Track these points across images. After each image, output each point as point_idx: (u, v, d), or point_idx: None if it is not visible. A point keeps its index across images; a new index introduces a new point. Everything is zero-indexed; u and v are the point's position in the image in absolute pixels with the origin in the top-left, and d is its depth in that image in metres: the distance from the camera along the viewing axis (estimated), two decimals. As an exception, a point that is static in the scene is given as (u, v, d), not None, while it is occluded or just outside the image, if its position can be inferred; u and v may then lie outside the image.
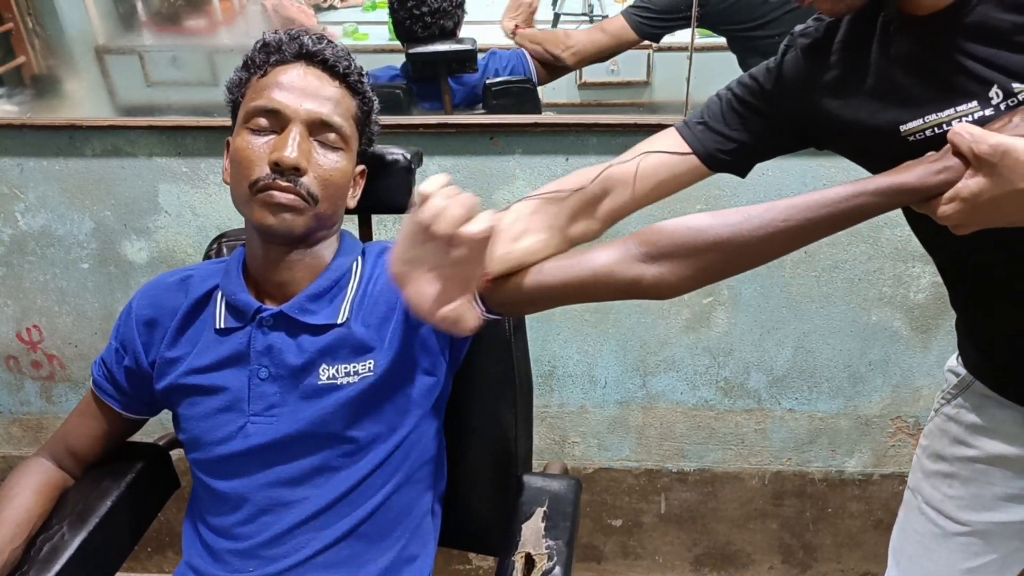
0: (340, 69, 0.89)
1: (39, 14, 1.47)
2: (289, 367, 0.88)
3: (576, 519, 0.97)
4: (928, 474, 1.00)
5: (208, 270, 0.96)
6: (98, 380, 0.98)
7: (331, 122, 0.86)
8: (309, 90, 0.86)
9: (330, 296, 0.90)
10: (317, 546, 0.88)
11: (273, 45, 0.88)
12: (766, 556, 1.77)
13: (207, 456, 0.91)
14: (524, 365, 1.05)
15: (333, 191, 0.88)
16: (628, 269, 0.79)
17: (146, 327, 0.94)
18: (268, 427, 0.88)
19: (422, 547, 0.96)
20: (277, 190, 0.83)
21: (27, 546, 0.91)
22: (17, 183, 1.49)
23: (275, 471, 0.89)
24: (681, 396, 1.60)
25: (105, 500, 0.98)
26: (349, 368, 0.88)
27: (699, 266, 0.76)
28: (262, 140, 0.85)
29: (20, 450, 1.77)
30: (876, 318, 1.49)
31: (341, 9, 1.66)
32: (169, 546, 1.84)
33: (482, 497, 1.06)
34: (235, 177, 0.87)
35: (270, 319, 0.89)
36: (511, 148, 1.39)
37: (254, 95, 0.87)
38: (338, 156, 0.88)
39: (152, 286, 0.97)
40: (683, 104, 1.34)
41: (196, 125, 1.41)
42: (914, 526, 1.03)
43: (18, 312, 1.61)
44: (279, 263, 0.90)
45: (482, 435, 1.05)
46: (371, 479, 0.89)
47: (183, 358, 0.92)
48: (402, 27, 1.41)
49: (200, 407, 0.91)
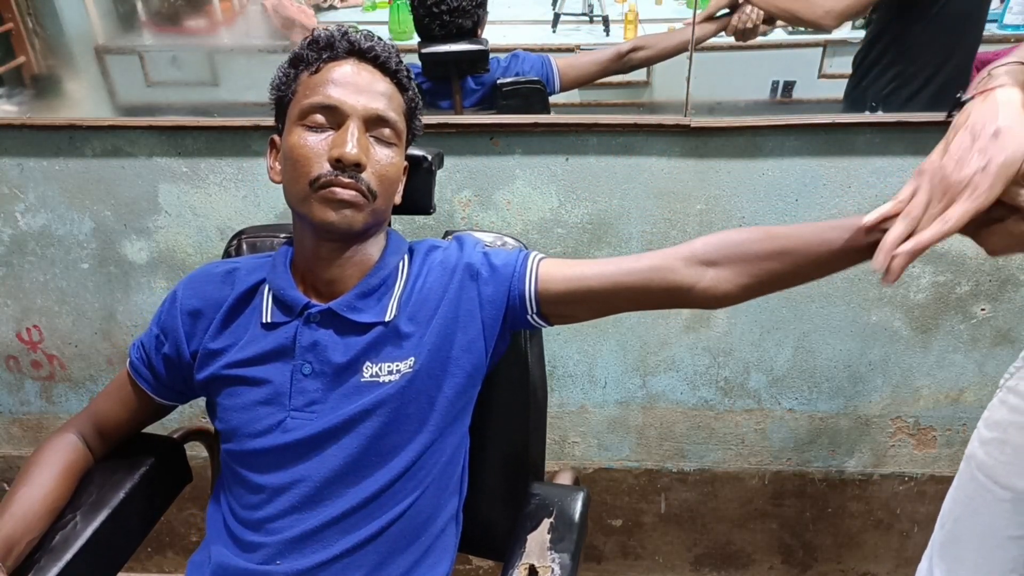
0: (392, 65, 0.89)
1: (39, 14, 1.48)
2: (333, 364, 0.89)
3: (583, 531, 0.97)
4: (984, 441, 1.02)
5: (254, 263, 0.97)
6: (135, 363, 0.99)
7: (386, 117, 0.87)
8: (363, 86, 0.86)
9: (378, 295, 0.91)
10: (345, 546, 0.88)
11: (324, 41, 0.88)
12: (766, 556, 1.77)
13: (243, 448, 0.91)
14: (539, 373, 1.05)
15: (388, 186, 0.88)
16: (687, 271, 0.82)
17: (191, 317, 0.95)
18: (307, 423, 0.89)
19: (443, 553, 0.96)
20: (339, 187, 0.84)
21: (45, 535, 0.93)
22: (17, 183, 1.49)
23: (311, 467, 0.89)
24: (681, 396, 1.60)
25: (118, 491, 0.99)
26: (392, 367, 0.88)
27: (753, 273, 0.81)
28: (319, 137, 0.85)
29: (20, 450, 1.77)
30: (876, 318, 1.49)
31: (341, 9, 1.67)
32: (169, 546, 1.84)
33: (491, 503, 1.06)
34: (291, 175, 0.87)
35: (317, 315, 0.89)
36: (511, 148, 1.39)
37: (308, 92, 0.86)
38: (392, 151, 0.88)
39: (198, 276, 0.97)
40: (683, 104, 1.34)
41: (196, 125, 1.41)
42: (965, 491, 1.05)
43: (18, 312, 1.61)
44: (332, 260, 0.90)
45: (494, 441, 1.04)
46: (402, 480, 0.89)
47: (227, 350, 0.92)
48: (421, 25, 1.41)
49: (241, 398, 0.91)
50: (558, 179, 1.41)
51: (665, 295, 0.84)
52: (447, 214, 1.44)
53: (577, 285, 0.88)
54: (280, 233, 1.09)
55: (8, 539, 0.88)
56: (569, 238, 1.45)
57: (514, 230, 1.45)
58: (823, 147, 1.34)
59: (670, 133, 1.36)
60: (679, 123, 1.34)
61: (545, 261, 0.91)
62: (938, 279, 1.44)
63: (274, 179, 0.92)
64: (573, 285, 0.88)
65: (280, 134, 0.92)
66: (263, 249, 1.08)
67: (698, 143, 1.36)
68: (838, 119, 1.32)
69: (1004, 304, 1.45)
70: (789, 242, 0.79)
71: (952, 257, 1.41)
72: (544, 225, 1.45)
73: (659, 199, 1.41)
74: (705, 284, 0.82)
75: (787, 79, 1.49)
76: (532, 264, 0.90)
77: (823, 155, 1.35)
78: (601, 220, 1.44)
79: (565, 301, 0.89)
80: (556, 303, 0.89)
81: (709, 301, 0.83)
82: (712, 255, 0.82)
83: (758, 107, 1.52)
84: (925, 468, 1.64)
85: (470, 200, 1.43)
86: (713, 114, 1.36)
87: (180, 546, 1.84)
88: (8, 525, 0.89)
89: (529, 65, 1.48)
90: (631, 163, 1.39)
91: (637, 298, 0.87)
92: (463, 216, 1.45)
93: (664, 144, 1.37)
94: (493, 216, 1.45)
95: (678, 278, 0.83)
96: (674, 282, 0.83)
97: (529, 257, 0.91)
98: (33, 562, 0.90)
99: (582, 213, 1.43)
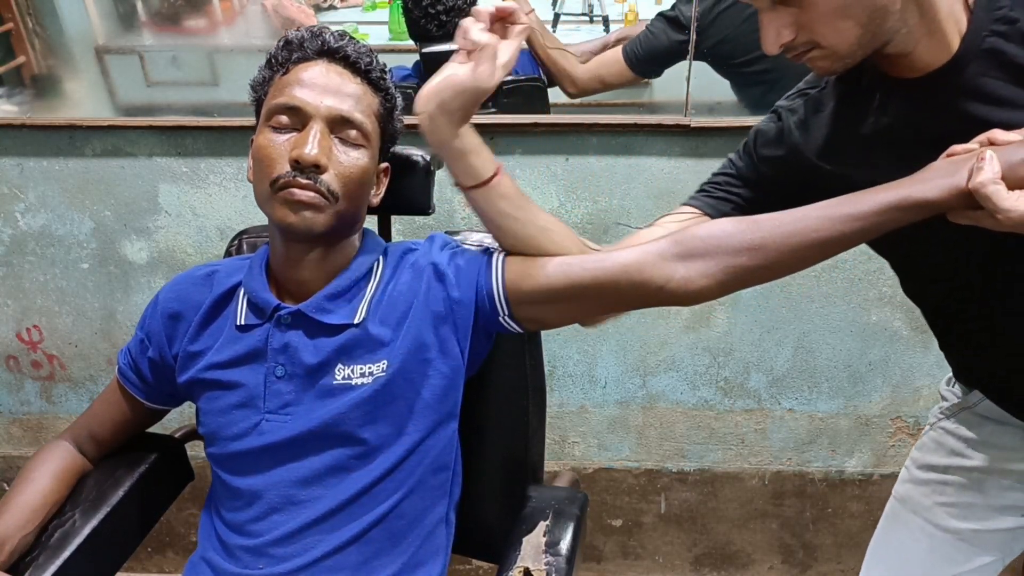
0: (362, 65, 0.88)
1: (39, 14, 1.47)
2: (305, 366, 0.88)
3: (579, 535, 0.96)
4: (918, 483, 1.02)
5: (233, 266, 0.97)
6: (123, 369, 0.99)
7: (352, 118, 0.86)
8: (330, 87, 0.86)
9: (349, 296, 0.90)
10: (326, 548, 0.88)
11: (295, 42, 0.88)
12: (766, 556, 1.77)
13: (223, 451, 0.92)
14: (538, 375, 1.04)
15: (354, 188, 0.87)
16: (658, 267, 0.79)
17: (171, 320, 0.95)
18: (282, 425, 0.88)
19: (432, 555, 0.95)
20: (297, 187, 0.83)
21: (39, 531, 0.93)
22: (17, 183, 1.49)
23: (288, 469, 0.89)
24: (681, 396, 1.60)
25: (118, 489, 0.99)
26: (364, 369, 0.88)
27: (728, 268, 0.77)
28: (283, 138, 0.85)
29: (20, 450, 1.77)
30: (876, 318, 1.49)
31: (341, 9, 1.66)
32: (169, 546, 1.84)
33: (488, 505, 1.05)
34: (257, 175, 0.87)
35: (288, 317, 0.89)
36: (511, 148, 1.39)
37: (276, 93, 0.87)
38: (359, 153, 0.87)
39: (179, 280, 0.97)
40: (683, 104, 1.34)
41: (196, 125, 1.41)
42: (898, 535, 1.05)
43: (18, 312, 1.61)
44: (299, 261, 0.90)
45: (493, 444, 1.04)
46: (383, 483, 0.89)
47: (204, 352, 0.93)
48: (417, 26, 1.40)
49: (218, 402, 0.91)
50: (558, 179, 1.41)
51: (635, 293, 0.81)
52: (447, 214, 1.44)
53: (545, 283, 0.84)
54: None
55: (0, 536, 0.89)
56: (569, 238, 1.45)
57: (514, 230, 1.45)
58: (823, 147, 1.34)
59: (670, 133, 1.36)
60: (679, 123, 1.34)
61: (509, 258, 0.88)
62: (938, 279, 1.44)
63: (249, 178, 0.91)
64: (541, 282, 0.85)
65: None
66: None
67: (698, 143, 1.36)
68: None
69: (1004, 304, 1.45)
70: (771, 234, 0.75)
71: (952, 257, 1.41)
72: (544, 225, 1.45)
73: (659, 199, 1.41)
74: (677, 282, 0.78)
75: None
76: (496, 261, 0.88)
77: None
78: (601, 220, 1.43)
79: (533, 301, 0.86)
80: (524, 303, 0.86)
81: (683, 298, 0.80)
82: (686, 249, 0.78)
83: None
84: (925, 468, 1.64)
85: (470, 200, 1.43)
86: (713, 114, 1.36)
87: (180, 546, 1.84)
88: (1, 524, 0.90)
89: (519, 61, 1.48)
90: (631, 163, 1.39)
91: (606, 298, 0.84)
92: (463, 216, 1.45)
93: (664, 144, 1.37)
94: (493, 216, 1.44)
95: (648, 275, 0.79)
96: (644, 278, 0.79)
97: (493, 255, 0.89)
98: (31, 559, 0.90)
99: (582, 213, 1.43)
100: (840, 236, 0.73)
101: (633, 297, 0.82)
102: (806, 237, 0.74)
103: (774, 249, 0.75)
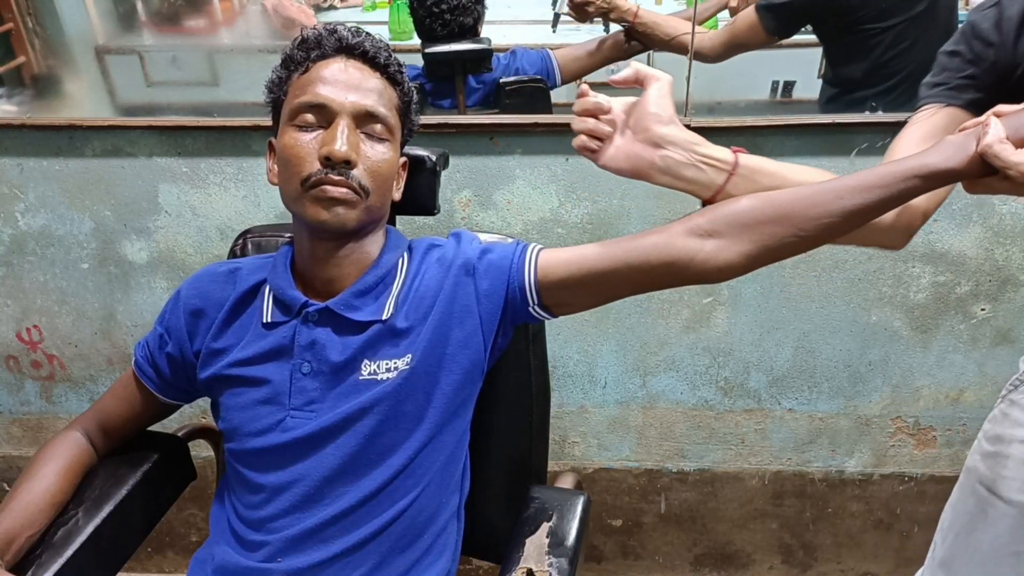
0: (381, 60, 0.89)
1: (39, 14, 1.48)
2: (331, 363, 0.89)
3: (582, 536, 0.96)
4: (985, 455, 1.01)
5: (256, 264, 0.97)
6: (140, 362, 1.00)
7: (376, 113, 0.87)
8: (352, 82, 0.86)
9: (376, 292, 0.91)
10: (346, 544, 0.88)
11: (312, 40, 0.88)
12: (766, 556, 1.77)
13: (244, 447, 0.92)
14: (541, 376, 1.04)
15: (382, 183, 0.88)
16: (684, 244, 0.81)
17: (193, 316, 0.95)
18: (306, 422, 0.89)
19: (444, 551, 0.96)
20: (330, 184, 0.84)
21: (45, 531, 0.93)
22: (17, 183, 1.49)
23: (310, 466, 0.89)
24: (681, 396, 1.60)
25: (121, 488, 0.99)
26: (390, 364, 0.89)
27: (752, 240, 0.79)
28: (309, 136, 0.85)
29: (20, 450, 1.77)
30: (876, 318, 1.49)
31: (341, 9, 1.66)
32: (169, 546, 1.84)
33: (492, 505, 1.05)
34: (285, 175, 0.87)
35: (315, 314, 0.90)
36: (511, 148, 1.39)
37: (298, 92, 0.87)
38: (385, 147, 0.88)
39: (201, 276, 0.98)
40: (683, 104, 1.34)
41: (196, 125, 1.41)
42: (965, 505, 1.04)
43: (18, 312, 1.61)
44: (328, 259, 0.90)
45: (497, 445, 1.04)
46: (401, 478, 0.89)
47: (228, 349, 0.93)
48: (422, 26, 1.41)
49: (241, 398, 0.92)
50: (558, 179, 1.41)
51: (665, 270, 0.83)
52: (447, 214, 1.44)
53: (577, 267, 0.87)
54: (285, 233, 1.10)
55: (7, 534, 0.89)
56: (569, 238, 1.45)
57: (514, 230, 1.45)
58: (823, 147, 1.34)
59: (670, 133, 1.36)
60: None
61: (544, 251, 0.90)
62: (938, 279, 1.44)
63: (272, 181, 0.92)
64: (573, 268, 0.87)
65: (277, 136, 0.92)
66: (268, 249, 1.08)
67: (698, 143, 1.36)
68: (838, 119, 1.32)
69: (1004, 304, 1.45)
70: (794, 206, 0.77)
71: (952, 257, 1.42)
72: (544, 225, 1.45)
73: (659, 199, 1.41)
74: (705, 254, 0.80)
75: (787, 79, 1.49)
76: (531, 255, 0.90)
77: (823, 155, 1.35)
78: (601, 220, 1.44)
79: (566, 286, 0.88)
80: (556, 289, 0.88)
81: (711, 273, 0.81)
82: (712, 224, 0.80)
83: (758, 107, 1.52)
84: (925, 468, 1.64)
85: (470, 200, 1.43)
86: (713, 114, 1.36)
87: (180, 546, 1.84)
88: (8, 520, 0.90)
89: (529, 61, 1.48)
90: (631, 163, 1.39)
91: (637, 276, 0.85)
92: (463, 216, 1.45)
93: (664, 144, 1.37)
94: (493, 216, 1.45)
95: (676, 251, 0.81)
96: (673, 255, 0.81)
97: (528, 249, 0.91)
98: (34, 557, 0.90)
99: (582, 213, 1.43)
100: (863, 204, 0.74)
101: (664, 274, 0.83)
102: (829, 206, 0.75)
103: (798, 219, 0.77)
